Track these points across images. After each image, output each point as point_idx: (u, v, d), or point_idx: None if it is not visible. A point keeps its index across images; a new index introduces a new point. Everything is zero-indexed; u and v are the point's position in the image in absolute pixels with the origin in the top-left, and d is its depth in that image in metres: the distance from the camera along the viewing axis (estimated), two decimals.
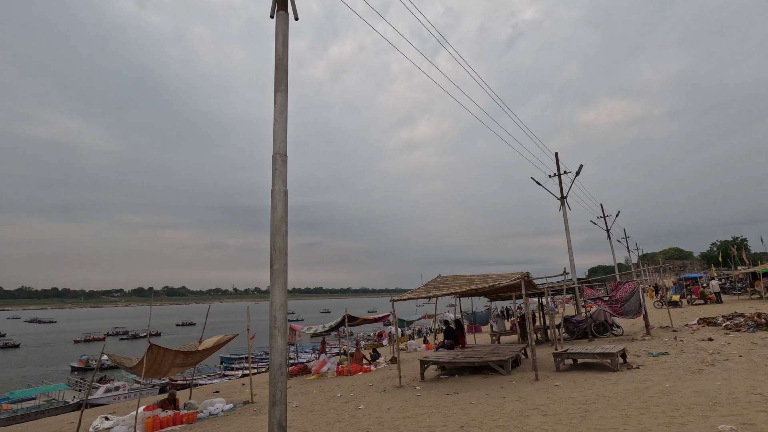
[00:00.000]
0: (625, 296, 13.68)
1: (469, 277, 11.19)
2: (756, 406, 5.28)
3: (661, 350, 10.39)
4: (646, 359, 9.63)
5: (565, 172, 17.35)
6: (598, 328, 14.66)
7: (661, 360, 9.31)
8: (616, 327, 14.63)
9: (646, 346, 11.33)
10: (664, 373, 7.96)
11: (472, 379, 9.97)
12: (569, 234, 16.42)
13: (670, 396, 6.26)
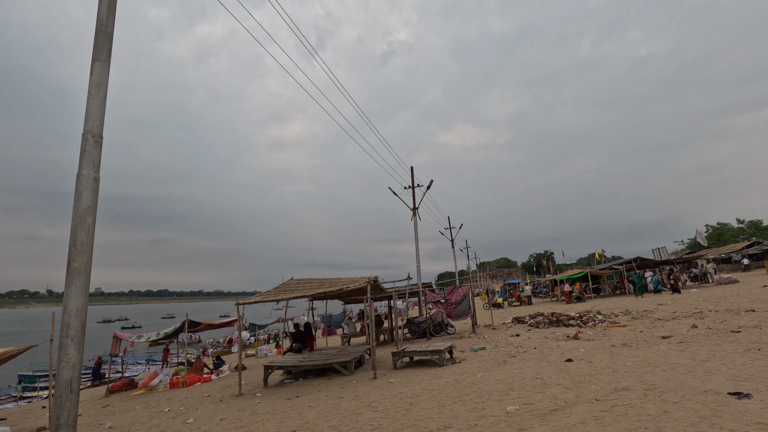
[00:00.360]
0: (459, 299, 15.51)
1: (320, 281, 11.27)
2: (536, 389, 6.48)
3: (480, 346, 12.04)
4: (468, 354, 11.03)
5: (419, 186, 18.97)
6: (436, 328, 16.28)
7: (479, 354, 10.78)
8: (450, 326, 16.45)
9: (470, 343, 12.99)
10: (478, 365, 9.23)
11: (316, 381, 10.03)
12: (418, 242, 17.94)
13: (479, 385, 7.27)
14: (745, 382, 5.59)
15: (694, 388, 5.53)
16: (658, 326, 11.94)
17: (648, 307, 17.47)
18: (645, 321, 13.50)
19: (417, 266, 17.94)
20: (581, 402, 5.54)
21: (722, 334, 9.34)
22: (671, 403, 5.04)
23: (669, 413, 4.68)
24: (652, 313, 15.57)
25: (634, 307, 18.43)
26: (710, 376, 6.06)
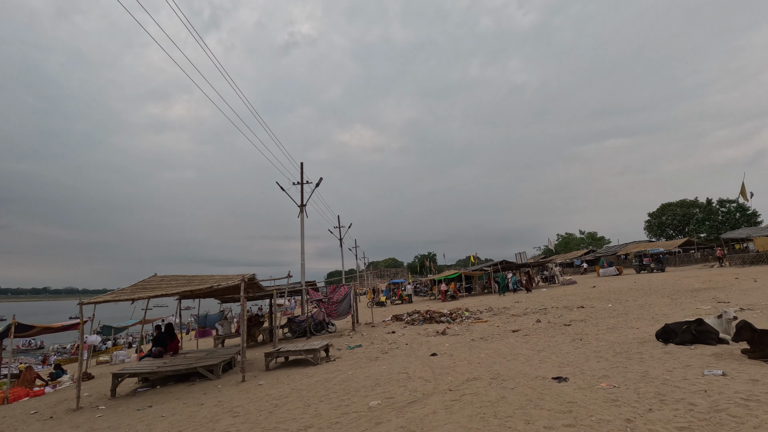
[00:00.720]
0: (341, 298, 15.64)
1: (189, 278, 10.33)
2: (400, 383, 6.81)
3: (357, 343, 12.29)
4: (344, 352, 11.16)
5: (308, 182, 18.67)
6: (317, 327, 16.17)
7: (355, 352, 10.99)
8: (331, 325, 16.49)
9: (348, 341, 13.18)
10: (351, 362, 9.38)
11: (177, 388, 9.15)
12: (304, 239, 17.65)
13: (349, 382, 7.38)
14: (567, 367, 6.62)
15: (528, 375, 6.36)
16: (511, 321, 13.55)
17: (507, 305, 19.78)
18: (502, 317, 15.22)
19: (301, 264, 17.62)
20: (437, 393, 5.97)
21: (557, 328, 10.99)
22: (509, 389, 5.72)
23: (505, 398, 5.30)
24: (509, 309, 17.65)
25: (497, 304, 20.70)
26: (542, 364, 7.05)
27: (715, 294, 14.70)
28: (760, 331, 5.97)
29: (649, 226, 64.36)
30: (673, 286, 19.65)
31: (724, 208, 54.27)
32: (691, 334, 7.33)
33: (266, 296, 16.92)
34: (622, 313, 12.55)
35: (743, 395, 4.47)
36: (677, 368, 5.83)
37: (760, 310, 10.24)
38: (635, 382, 5.36)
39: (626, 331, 9.39)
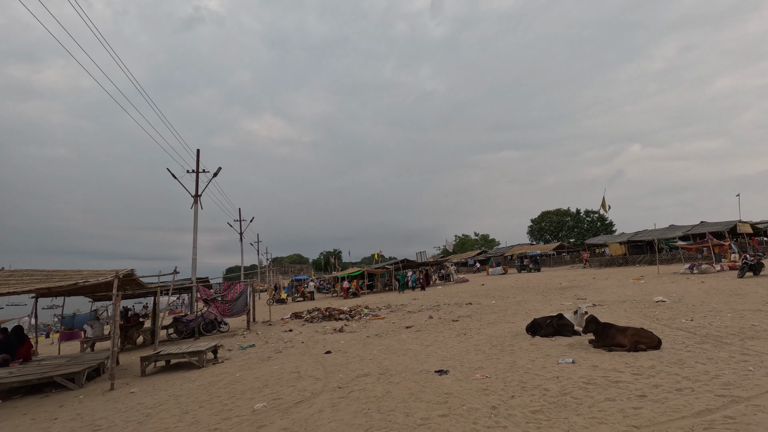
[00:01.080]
0: (236, 296, 14.84)
1: (48, 273, 8.91)
2: (290, 383, 6.68)
3: (251, 343, 11.77)
4: (235, 353, 10.60)
5: (204, 171, 17.35)
6: (207, 327, 15.12)
7: (247, 352, 10.51)
8: (224, 324, 15.55)
9: (241, 341, 12.56)
10: (241, 363, 8.96)
11: (25, 402, 7.81)
12: (197, 232, 16.36)
13: (235, 385, 7.03)
14: (449, 361, 7.12)
15: (414, 369, 6.70)
16: (406, 318, 14.16)
17: (405, 302, 20.62)
18: (399, 314, 15.83)
19: (193, 259, 16.33)
20: (326, 391, 5.98)
21: (446, 323, 11.76)
22: (394, 383, 5.96)
23: (390, 393, 5.51)
24: (406, 306, 18.42)
25: (395, 301, 21.46)
26: (428, 358, 7.48)
27: (577, 292, 17.04)
28: (603, 324, 7.07)
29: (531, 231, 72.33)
30: (545, 284, 22.32)
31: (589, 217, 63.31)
32: (553, 327, 8.39)
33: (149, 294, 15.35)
34: (502, 309, 13.90)
35: (585, 380, 5.24)
36: (539, 358, 6.63)
37: (607, 306, 12.13)
38: (504, 372, 5.97)
39: (504, 325, 10.41)
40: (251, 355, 9.97)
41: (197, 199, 16.91)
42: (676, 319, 8.95)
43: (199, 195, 17.03)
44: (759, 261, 16.45)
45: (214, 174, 17.48)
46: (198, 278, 16.07)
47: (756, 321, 7.90)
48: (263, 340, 12.17)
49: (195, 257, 16.31)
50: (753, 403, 3.98)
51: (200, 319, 14.81)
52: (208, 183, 17.31)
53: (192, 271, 16.15)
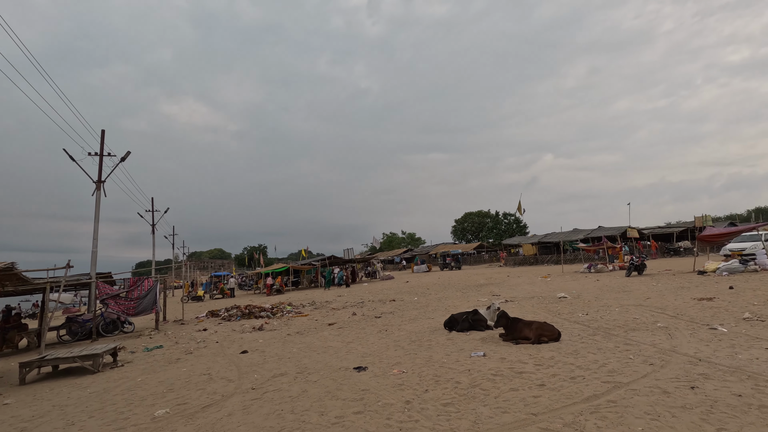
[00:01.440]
0: (143, 293, 13.59)
1: None
2: (199, 387, 6.24)
3: (158, 344, 10.85)
4: (139, 355, 9.69)
5: (109, 154, 15.62)
6: (108, 327, 13.68)
7: (153, 354, 9.66)
8: (128, 324, 14.18)
9: (147, 342, 11.53)
10: (144, 367, 8.20)
11: None
12: (98, 222, 14.71)
13: (135, 390, 6.40)
14: (369, 357, 7.15)
15: (333, 367, 6.63)
16: (330, 315, 14.02)
17: (330, 298, 20.44)
18: (323, 310, 15.63)
19: (93, 252, 14.65)
20: (238, 393, 5.67)
21: (369, 320, 11.84)
22: (312, 382, 5.83)
23: (307, 392, 5.38)
24: (331, 303, 18.26)
25: (321, 298, 21.19)
26: (348, 355, 7.45)
27: (492, 288, 18.15)
28: (511, 319, 7.56)
29: (455, 231, 75.81)
30: (465, 281, 23.50)
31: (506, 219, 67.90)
32: (468, 322, 8.82)
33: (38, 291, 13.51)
34: (424, 305, 14.34)
35: (493, 371, 5.56)
36: (454, 352, 6.91)
37: (518, 301, 13.07)
38: (420, 367, 6.13)
39: (424, 321, 10.73)
40: (157, 357, 9.18)
41: (100, 185, 15.18)
42: (574, 313, 9.88)
43: (103, 181, 15.30)
44: (642, 262, 18.82)
45: (122, 158, 15.82)
46: (99, 273, 14.45)
47: (637, 314, 8.99)
48: (173, 341, 11.28)
49: (95, 249, 14.64)
50: (631, 387, 4.49)
51: (99, 319, 13.34)
52: (114, 168, 15.63)
53: (91, 265, 14.48)
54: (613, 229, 36.46)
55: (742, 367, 4.87)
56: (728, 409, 3.73)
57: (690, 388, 4.31)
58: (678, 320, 8.07)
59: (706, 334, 6.75)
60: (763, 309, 8.45)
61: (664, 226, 44.88)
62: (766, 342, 5.93)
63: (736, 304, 9.32)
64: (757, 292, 10.72)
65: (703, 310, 8.92)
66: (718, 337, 6.48)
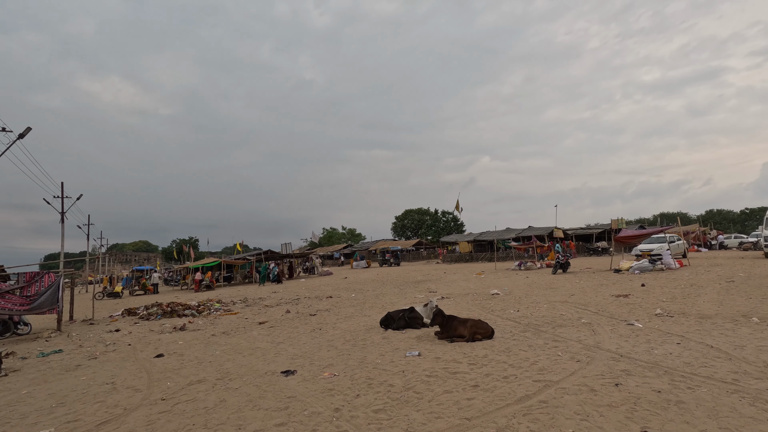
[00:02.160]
0: (42, 290, 11.93)
1: None
2: (97, 399, 5.42)
3: (57, 348, 9.51)
4: (31, 362, 8.40)
5: (4, 130, 13.50)
6: None
7: (48, 360, 8.42)
8: (23, 325, 12.39)
9: (44, 345, 10.09)
10: (35, 376, 7.06)
11: None
12: None
13: (16, 406, 5.42)
14: (299, 359, 6.70)
15: (259, 371, 6.11)
16: (262, 313, 13.28)
17: (264, 295, 19.50)
18: (255, 308, 14.80)
19: None
20: (144, 405, 4.98)
21: (303, 318, 11.32)
22: (232, 390, 5.29)
23: (225, 402, 4.84)
24: (264, 300, 17.41)
25: (254, 294, 20.16)
26: (277, 357, 6.94)
27: (429, 285, 18.35)
28: (447, 317, 7.50)
29: (395, 227, 76.61)
30: (403, 278, 23.63)
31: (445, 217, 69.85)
32: (404, 320, 8.66)
33: None
34: (361, 302, 14.07)
35: (428, 372, 5.38)
36: (388, 352, 6.68)
37: (454, 298, 13.23)
38: (353, 369, 5.81)
39: (360, 319, 10.45)
40: (53, 363, 7.99)
41: None
42: (506, 310, 10.13)
43: None
44: (567, 261, 20.07)
45: (20, 135, 13.74)
46: None
47: (564, 311, 9.40)
48: (76, 344, 9.97)
49: None
50: (561, 386, 4.51)
51: None
52: (10, 145, 13.52)
53: None
54: (542, 229, 38.77)
55: (659, 362, 5.11)
56: (650, 406, 3.82)
57: (615, 385, 4.41)
58: (599, 316, 8.51)
59: (625, 329, 7.13)
60: (671, 305, 9.19)
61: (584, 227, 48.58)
62: (676, 337, 6.35)
63: (648, 300, 10.08)
64: (665, 289, 11.72)
65: (620, 306, 9.52)
66: (635, 332, 6.86)
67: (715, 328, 6.84)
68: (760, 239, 22.85)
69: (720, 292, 10.49)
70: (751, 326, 6.81)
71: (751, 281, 12.08)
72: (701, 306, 8.85)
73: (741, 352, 5.33)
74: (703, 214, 78.09)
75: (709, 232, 42.48)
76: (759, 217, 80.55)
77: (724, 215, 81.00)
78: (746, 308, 8.27)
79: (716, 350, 5.47)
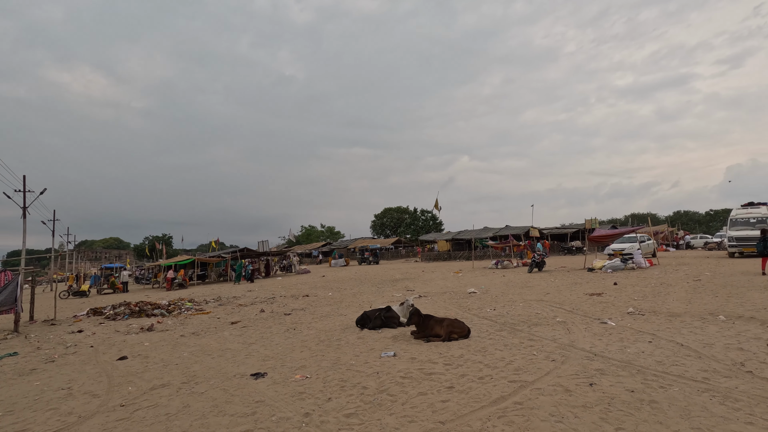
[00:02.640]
0: None
1: None
2: (50, 406, 5.07)
3: (11, 351, 8.95)
4: None
5: None
6: None
7: (3, 363, 7.88)
8: None
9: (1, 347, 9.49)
10: None
11: None
12: None
13: None
14: (271, 360, 6.47)
15: (227, 374, 5.85)
16: (235, 312, 12.91)
17: (238, 294, 19.04)
18: (229, 307, 14.40)
19: None
20: (101, 412, 4.68)
21: (278, 317, 11.05)
22: (198, 394, 5.03)
23: (189, 407, 4.58)
24: (239, 299, 16.98)
25: (228, 293, 19.66)
26: (248, 359, 6.69)
27: (407, 284, 18.29)
28: (423, 316, 7.40)
29: (374, 226, 76.46)
30: (382, 276, 23.52)
31: (423, 216, 70.13)
32: (381, 319, 8.53)
33: None
34: (338, 300, 13.87)
35: (402, 373, 5.26)
36: (363, 352, 6.53)
37: (431, 297, 13.19)
38: (326, 371, 5.63)
39: (336, 318, 10.25)
40: (5, 368, 7.48)
41: None
42: (482, 308, 10.12)
43: None
44: (542, 260, 20.37)
45: None
46: None
47: (539, 309, 9.45)
48: (34, 346, 9.41)
49: None
50: (536, 386, 4.46)
51: None
52: None
53: None
54: (518, 228, 39.36)
55: (632, 361, 5.14)
56: (624, 406, 3.79)
57: (589, 385, 4.38)
58: (574, 315, 8.58)
59: (599, 328, 7.19)
60: (643, 303, 9.37)
61: (559, 227, 49.61)
62: (648, 335, 6.43)
63: (620, 299, 10.27)
64: (636, 288, 11.98)
65: (594, 305, 9.65)
66: (608, 331, 6.92)
67: (685, 326, 6.97)
68: (724, 239, 23.77)
69: (688, 291, 10.77)
70: (718, 324, 6.97)
71: (716, 280, 12.48)
72: (671, 304, 9.05)
73: (710, 350, 5.41)
74: (671, 215, 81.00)
75: (676, 232, 44.09)
76: (723, 219, 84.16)
77: (690, 216, 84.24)
78: (713, 306, 8.49)
79: (686, 348, 5.55)
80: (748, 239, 20.26)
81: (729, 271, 14.56)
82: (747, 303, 8.56)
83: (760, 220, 20.97)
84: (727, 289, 10.67)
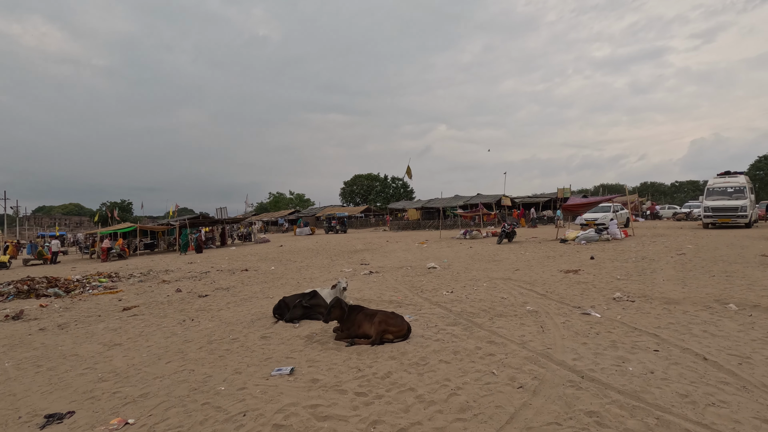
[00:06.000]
0: None
1: None
2: None
3: None
4: None
5: None
6: None
7: None
8: None
9: None
10: None
11: None
12: None
13: None
14: (108, 381, 4.40)
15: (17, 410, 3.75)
16: (149, 291, 10.68)
17: (174, 267, 16.68)
18: (150, 284, 12.15)
19: None
20: None
21: (189, 300, 8.88)
22: None
23: None
24: (172, 272, 14.72)
25: (164, 266, 17.26)
26: (78, 379, 4.58)
27: (365, 256, 16.38)
28: (349, 308, 5.43)
29: (343, 193, 74.05)
30: (342, 247, 21.56)
31: (394, 184, 68.09)
32: (302, 308, 6.54)
33: None
34: (276, 277, 11.82)
35: (283, 415, 3.28)
36: (252, 365, 4.53)
37: (384, 273, 11.29)
38: (168, 407, 3.58)
39: (257, 303, 8.22)
40: None
41: None
42: (438, 290, 8.29)
43: None
44: (513, 230, 18.82)
45: None
46: None
47: (506, 292, 7.68)
48: None
49: None
50: None
51: None
52: None
53: None
54: (490, 196, 37.98)
55: (641, 393, 3.32)
56: None
57: None
58: (548, 300, 6.85)
59: (580, 322, 5.43)
60: (629, 285, 7.74)
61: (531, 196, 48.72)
62: (649, 337, 4.69)
63: (601, 278, 8.64)
64: (616, 263, 10.46)
65: (571, 286, 7.97)
66: (594, 327, 5.17)
67: (691, 320, 5.29)
68: (700, 209, 22.86)
69: (676, 268, 9.27)
70: (731, 316, 5.33)
71: (702, 254, 11.10)
72: (663, 286, 7.44)
73: (751, 369, 3.67)
74: (638, 186, 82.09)
75: (645, 202, 43.90)
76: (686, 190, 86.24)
77: (656, 188, 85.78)
78: (715, 290, 6.92)
79: (714, 366, 3.79)
80: (725, 209, 19.27)
81: (712, 244, 13.30)
82: (755, 285, 7.02)
83: (737, 190, 19.97)
84: (720, 265, 9.23)
